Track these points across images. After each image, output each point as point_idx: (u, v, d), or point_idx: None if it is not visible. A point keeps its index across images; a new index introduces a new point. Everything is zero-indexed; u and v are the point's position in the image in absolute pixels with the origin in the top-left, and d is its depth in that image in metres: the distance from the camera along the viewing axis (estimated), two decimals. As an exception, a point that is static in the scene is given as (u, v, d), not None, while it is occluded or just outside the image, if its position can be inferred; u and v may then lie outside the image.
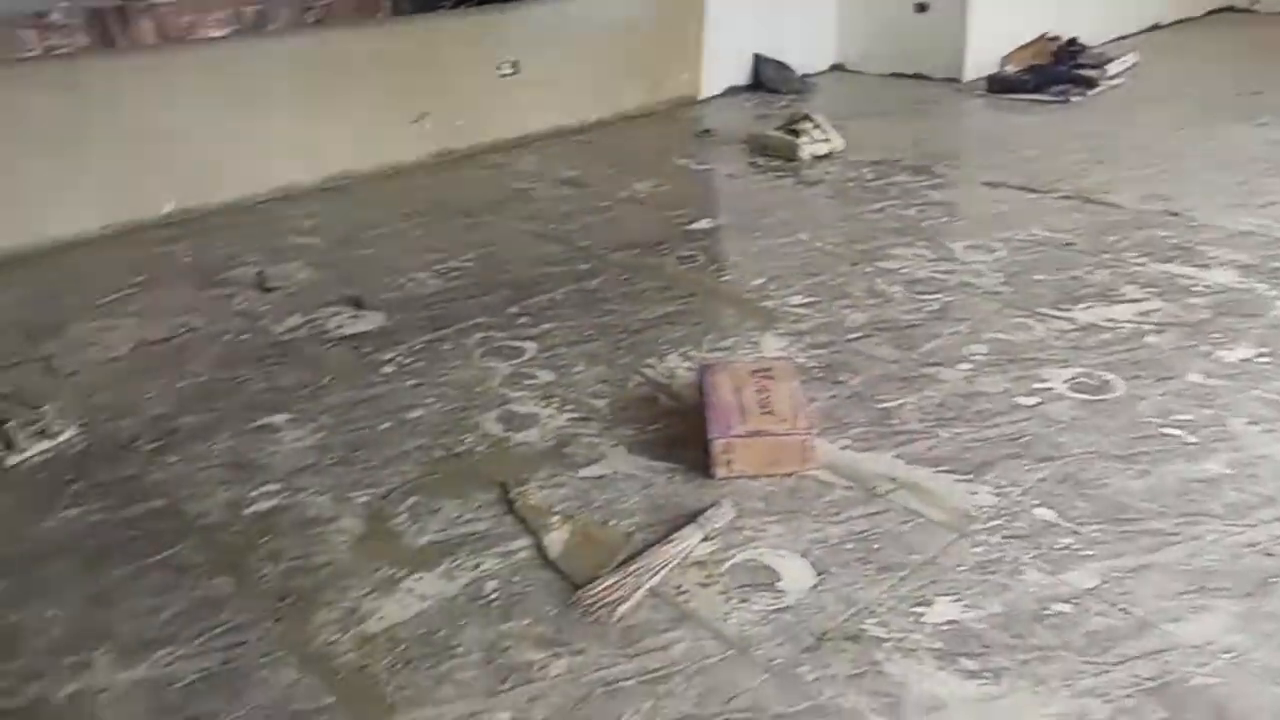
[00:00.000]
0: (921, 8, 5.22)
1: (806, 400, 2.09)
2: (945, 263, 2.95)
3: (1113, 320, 2.52)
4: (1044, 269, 2.86)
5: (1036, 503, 1.82)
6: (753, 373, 2.13)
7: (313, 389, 2.44)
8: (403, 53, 4.23)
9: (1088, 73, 5.01)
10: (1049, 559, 1.67)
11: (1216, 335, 2.40)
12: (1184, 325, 2.46)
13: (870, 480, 1.92)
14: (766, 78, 5.42)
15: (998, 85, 5.06)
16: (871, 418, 2.14)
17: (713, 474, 1.95)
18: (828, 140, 4.15)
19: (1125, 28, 6.14)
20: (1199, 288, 2.66)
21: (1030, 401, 2.16)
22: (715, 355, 2.46)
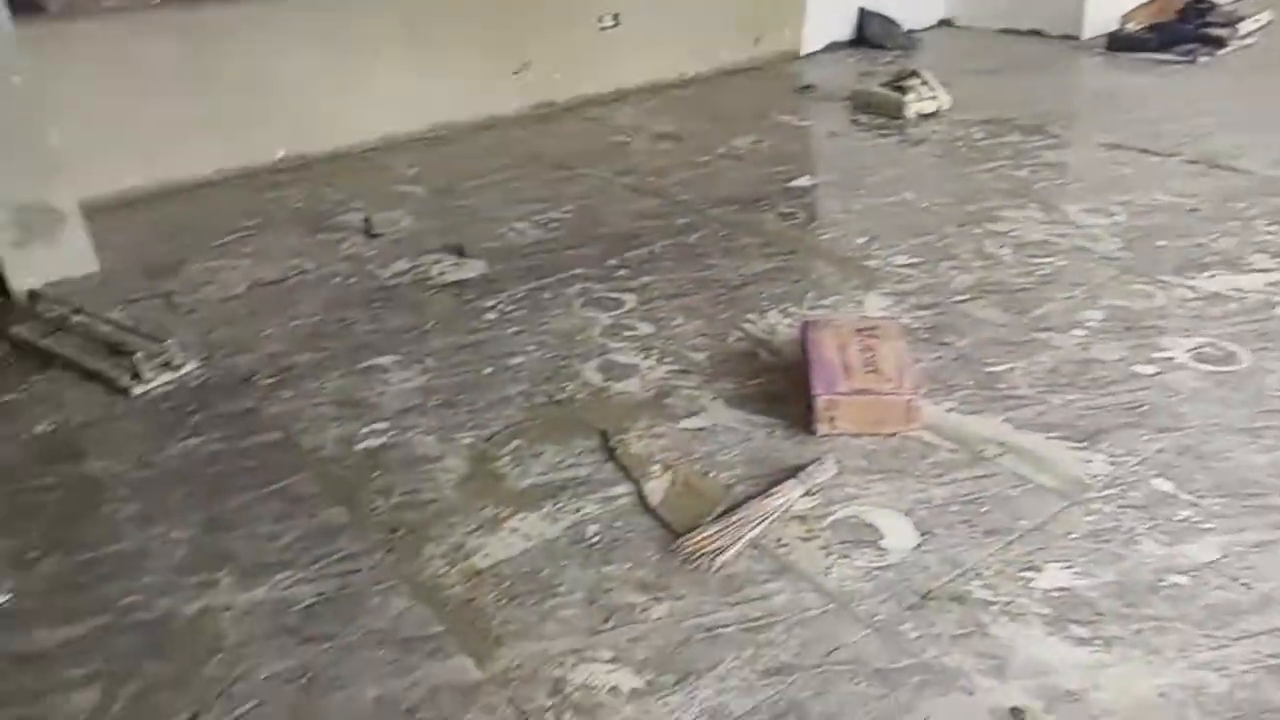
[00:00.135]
0: None
1: (912, 361, 2.05)
2: (1059, 226, 2.85)
3: (1239, 290, 2.40)
4: (1166, 235, 2.73)
5: (1154, 473, 1.76)
6: (857, 331, 2.10)
7: (418, 333, 2.49)
8: (506, 5, 4.24)
9: (1216, 32, 4.74)
10: (1166, 530, 1.62)
11: (1354, 309, 2.27)
12: (1318, 297, 2.33)
13: (976, 443, 1.88)
14: (871, 33, 5.27)
15: (1118, 43, 4.82)
16: (978, 381, 2.09)
17: (814, 430, 1.94)
18: (935, 98, 4.03)
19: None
20: (1336, 258, 2.52)
21: (1149, 371, 2.08)
22: (817, 313, 2.43)
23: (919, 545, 1.63)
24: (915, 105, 3.98)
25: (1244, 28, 4.82)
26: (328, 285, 2.82)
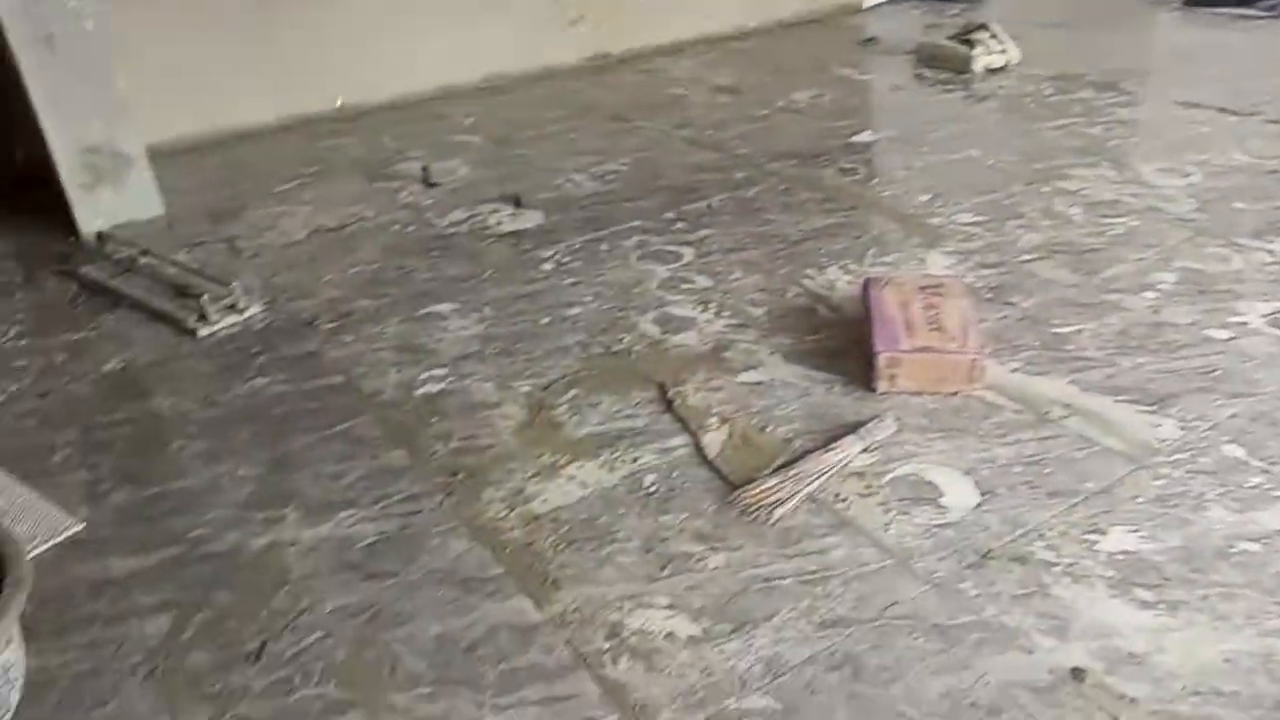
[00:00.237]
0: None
1: (977, 319, 2.01)
2: (1132, 185, 2.76)
3: (1321, 255, 2.31)
4: (1244, 197, 2.64)
5: (1226, 439, 1.71)
6: (921, 288, 2.07)
7: (475, 281, 2.50)
8: (563, -47, 4.19)
9: (1304, -15, 4.52)
10: (1237, 497, 1.58)
11: None
12: (1406, 264, 2.24)
13: (1042, 404, 1.85)
14: (937, -15, 5.12)
15: (1197, -3, 4.63)
16: (1044, 341, 2.05)
17: (874, 387, 1.92)
18: (1003, 52, 3.91)
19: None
20: None
21: (1223, 335, 2.02)
22: (878, 270, 2.39)
23: (980, 504, 1.61)
24: (983, 59, 3.87)
25: (1334, -18, 4.59)
26: (386, 233, 2.84)
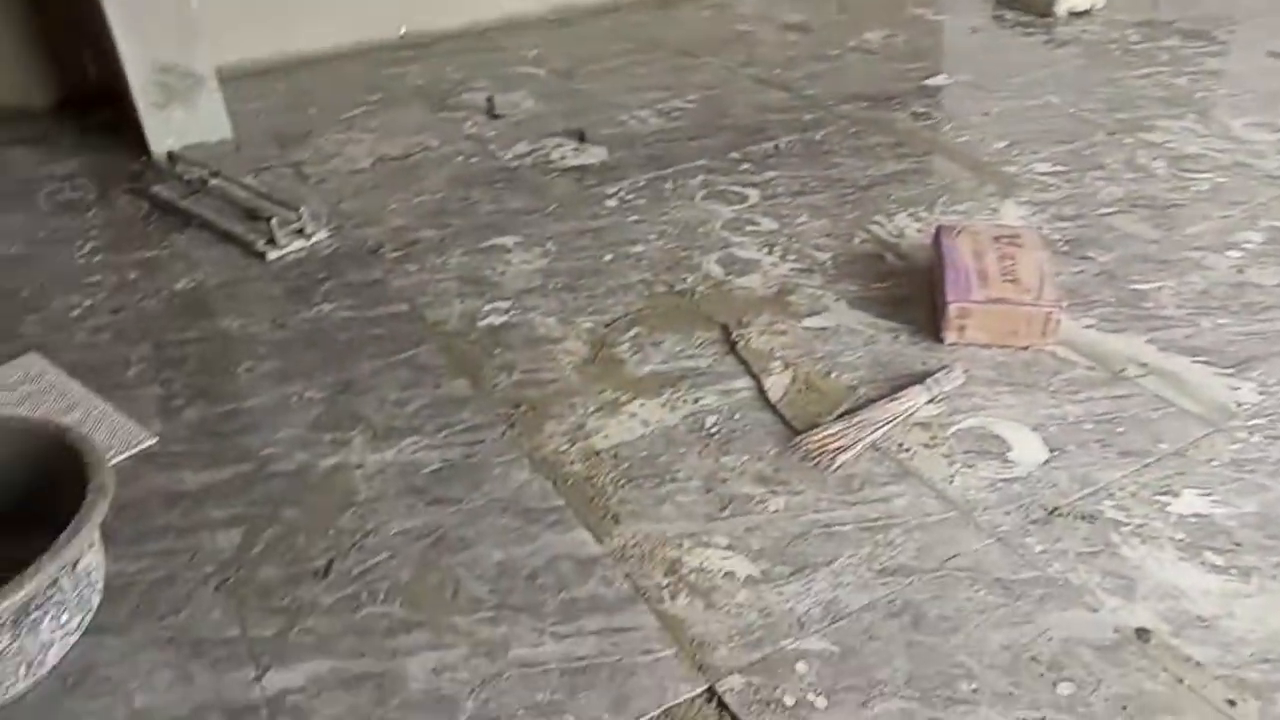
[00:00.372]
0: None
1: (1053, 272, 1.96)
2: (1219, 140, 2.65)
3: None
4: (1340, 155, 2.52)
5: (1309, 406, 1.66)
6: (995, 239, 2.01)
7: (539, 215, 2.49)
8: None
9: None
10: (1318, 466, 1.54)
11: None
12: None
13: (1116, 362, 1.80)
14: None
15: (1300, -58, 4.37)
16: (1122, 298, 1.99)
17: (942, 337, 1.88)
18: (1089, -5, 3.75)
19: None
20: None
21: (1311, 299, 1.95)
22: (949, 218, 2.34)
23: (1048, 461, 1.59)
24: (1067, 2, 3.72)
25: None
26: (450, 164, 2.84)
